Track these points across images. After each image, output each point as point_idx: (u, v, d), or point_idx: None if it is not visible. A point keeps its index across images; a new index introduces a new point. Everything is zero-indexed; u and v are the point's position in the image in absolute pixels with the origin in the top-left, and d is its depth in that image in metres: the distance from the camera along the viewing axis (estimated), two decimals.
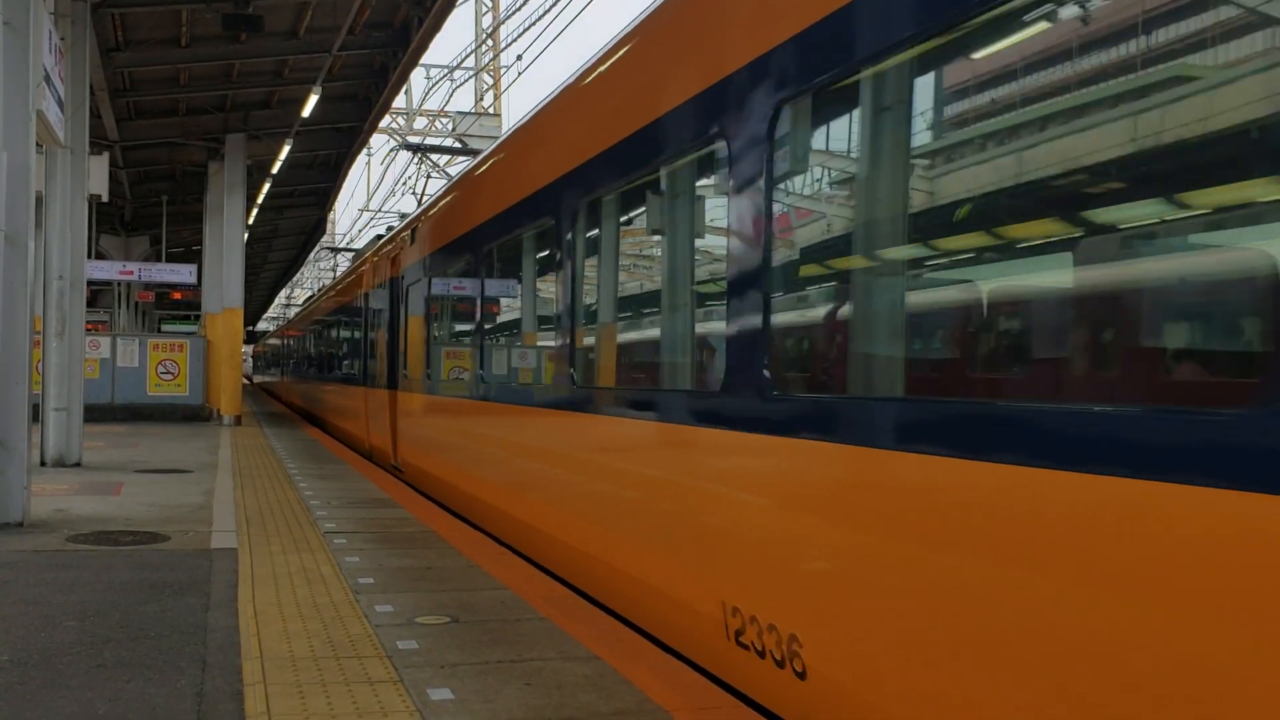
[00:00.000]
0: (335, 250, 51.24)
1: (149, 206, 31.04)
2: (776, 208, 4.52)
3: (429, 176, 26.44)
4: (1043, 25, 3.31)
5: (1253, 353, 2.78)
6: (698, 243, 5.69)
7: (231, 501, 10.63)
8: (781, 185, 4.56)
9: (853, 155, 4.28)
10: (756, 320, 4.51)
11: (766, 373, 4.43)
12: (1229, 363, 2.99)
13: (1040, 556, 3.01)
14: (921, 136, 3.92)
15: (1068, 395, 3.34)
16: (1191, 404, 2.85)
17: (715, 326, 5.24)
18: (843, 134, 4.31)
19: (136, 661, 4.99)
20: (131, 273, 26.96)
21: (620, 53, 6.52)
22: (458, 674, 4.84)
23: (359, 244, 53.04)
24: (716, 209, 5.28)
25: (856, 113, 4.18)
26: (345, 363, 20.76)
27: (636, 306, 6.69)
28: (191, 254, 35.29)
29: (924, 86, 3.85)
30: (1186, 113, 2.93)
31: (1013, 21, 3.34)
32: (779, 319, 4.53)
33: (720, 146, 4.99)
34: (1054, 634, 2.96)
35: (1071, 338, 3.37)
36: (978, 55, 3.61)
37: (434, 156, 25.43)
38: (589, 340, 6.99)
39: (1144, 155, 3.04)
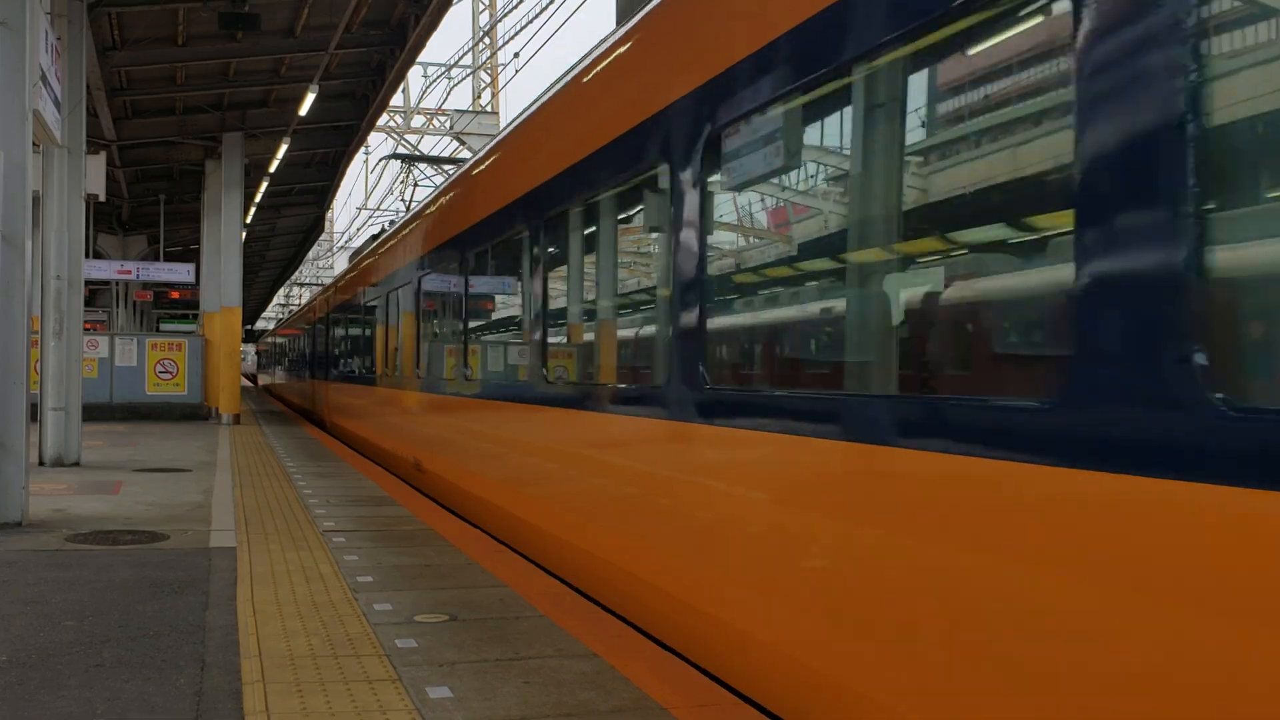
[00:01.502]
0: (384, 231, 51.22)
1: (146, 206, 31.00)
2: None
3: (416, 184, 26.44)
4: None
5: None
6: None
7: (230, 500, 10.64)
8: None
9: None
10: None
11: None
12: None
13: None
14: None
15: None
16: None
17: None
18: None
19: (135, 661, 4.99)
20: (129, 272, 26.92)
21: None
22: (456, 672, 4.85)
23: (357, 243, 53.04)
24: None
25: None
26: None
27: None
28: (189, 253, 35.28)
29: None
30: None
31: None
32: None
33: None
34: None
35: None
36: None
37: (423, 164, 25.53)
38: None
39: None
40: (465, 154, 29.63)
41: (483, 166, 9.99)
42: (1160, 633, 2.60)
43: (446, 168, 24.43)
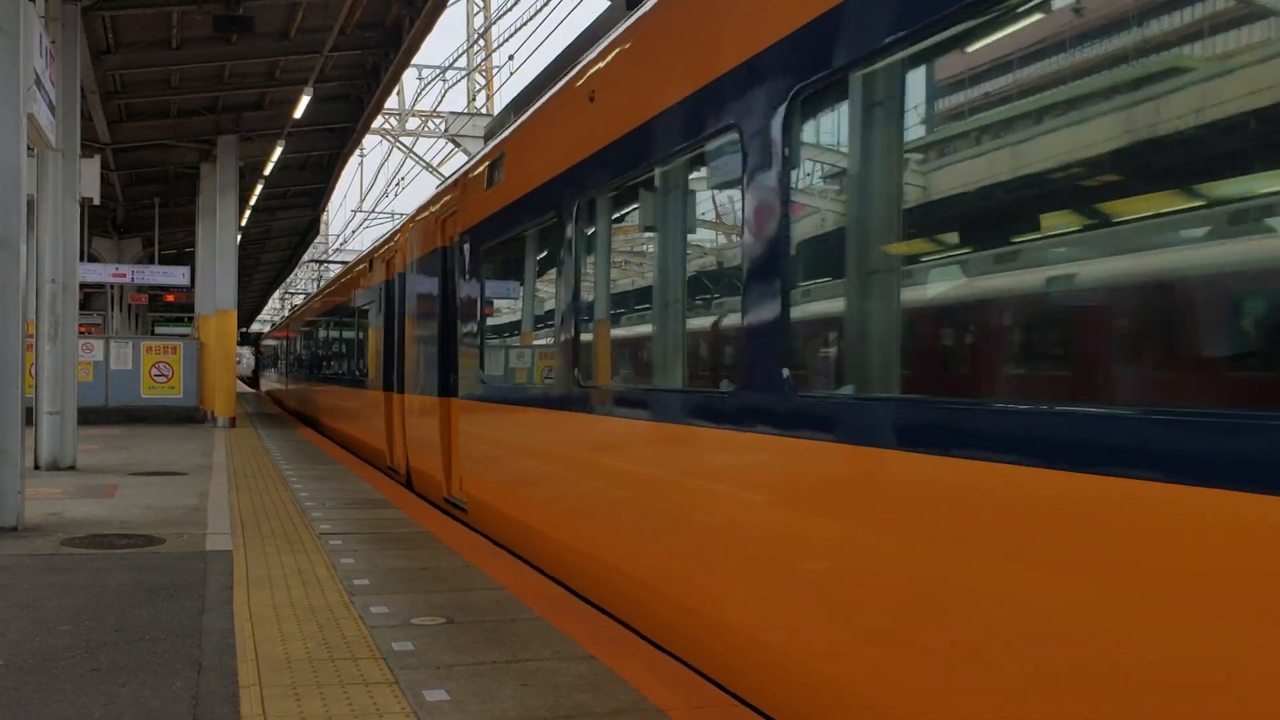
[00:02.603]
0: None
1: (141, 209, 30.97)
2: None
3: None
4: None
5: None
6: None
7: (226, 503, 10.62)
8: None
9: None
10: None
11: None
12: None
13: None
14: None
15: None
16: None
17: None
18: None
19: (132, 665, 4.98)
20: (124, 275, 26.92)
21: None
22: (453, 675, 4.84)
23: (355, 244, 52.80)
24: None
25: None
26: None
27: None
28: (184, 256, 35.23)
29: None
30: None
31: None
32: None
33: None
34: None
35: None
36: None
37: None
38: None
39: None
40: (469, 145, 29.58)
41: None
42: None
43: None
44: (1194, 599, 2.62)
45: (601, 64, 6.69)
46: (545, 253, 7.86)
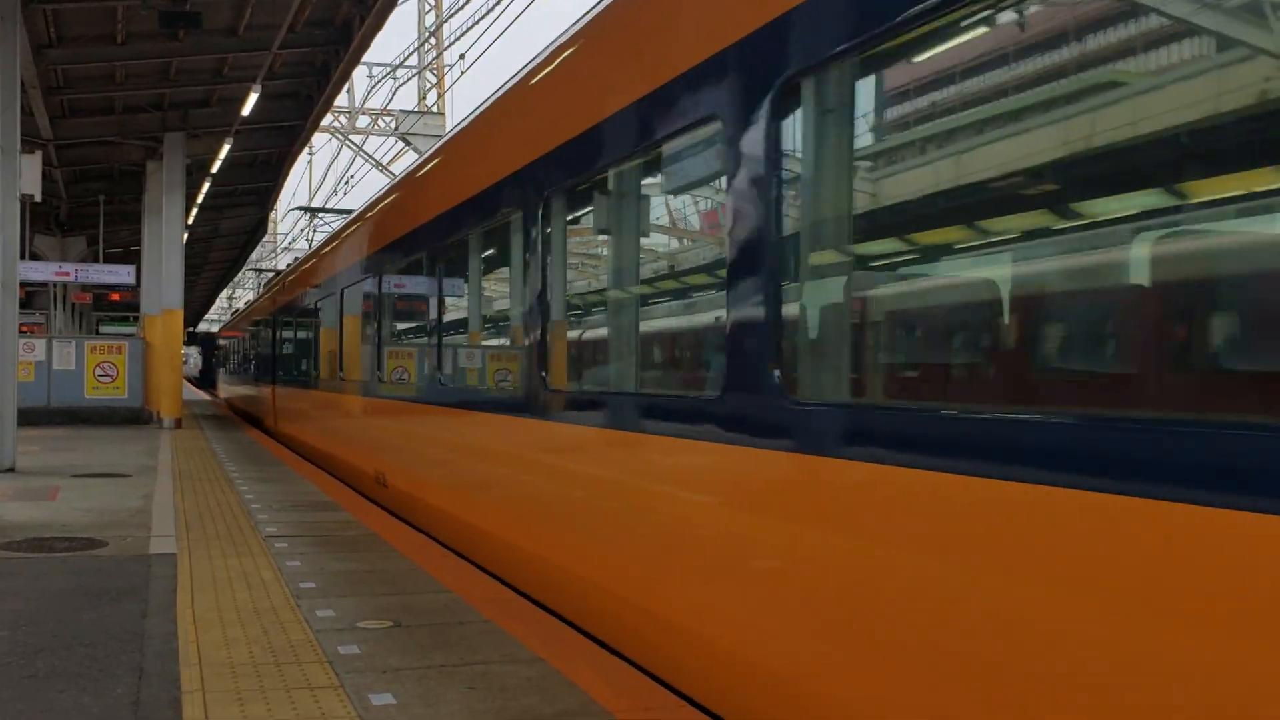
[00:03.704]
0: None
1: (85, 206, 30.46)
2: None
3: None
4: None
5: None
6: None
7: (171, 505, 10.48)
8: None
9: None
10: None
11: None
12: None
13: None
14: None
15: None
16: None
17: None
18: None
19: (70, 671, 4.90)
20: (68, 274, 26.43)
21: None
22: (400, 679, 4.81)
23: (301, 244, 52.36)
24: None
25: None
26: None
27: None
28: (130, 254, 34.69)
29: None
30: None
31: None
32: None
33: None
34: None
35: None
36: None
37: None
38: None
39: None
40: (420, 143, 29.42)
41: None
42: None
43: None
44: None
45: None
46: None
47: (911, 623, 3.37)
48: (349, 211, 25.26)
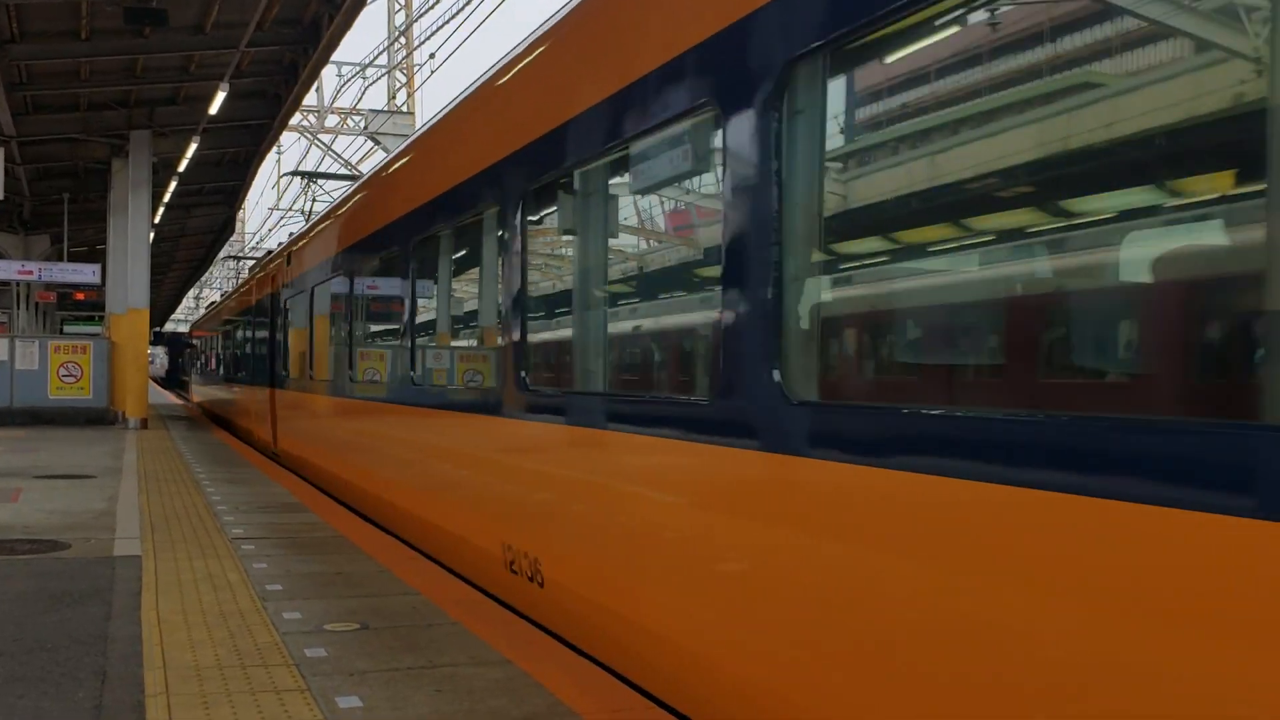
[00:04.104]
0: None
1: (50, 204, 30.14)
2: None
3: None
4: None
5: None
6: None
7: (136, 507, 10.38)
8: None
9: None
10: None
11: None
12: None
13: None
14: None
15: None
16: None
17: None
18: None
19: (32, 675, 4.84)
20: (31, 272, 26.14)
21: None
22: (367, 681, 4.79)
23: (269, 244, 51.90)
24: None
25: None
26: None
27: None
28: (95, 253, 34.35)
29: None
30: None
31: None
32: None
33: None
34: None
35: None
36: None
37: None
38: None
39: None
40: (389, 143, 29.25)
41: None
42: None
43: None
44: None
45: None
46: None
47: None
48: (350, 177, 22.81)
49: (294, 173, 24.12)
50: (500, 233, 6.61)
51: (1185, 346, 2.82)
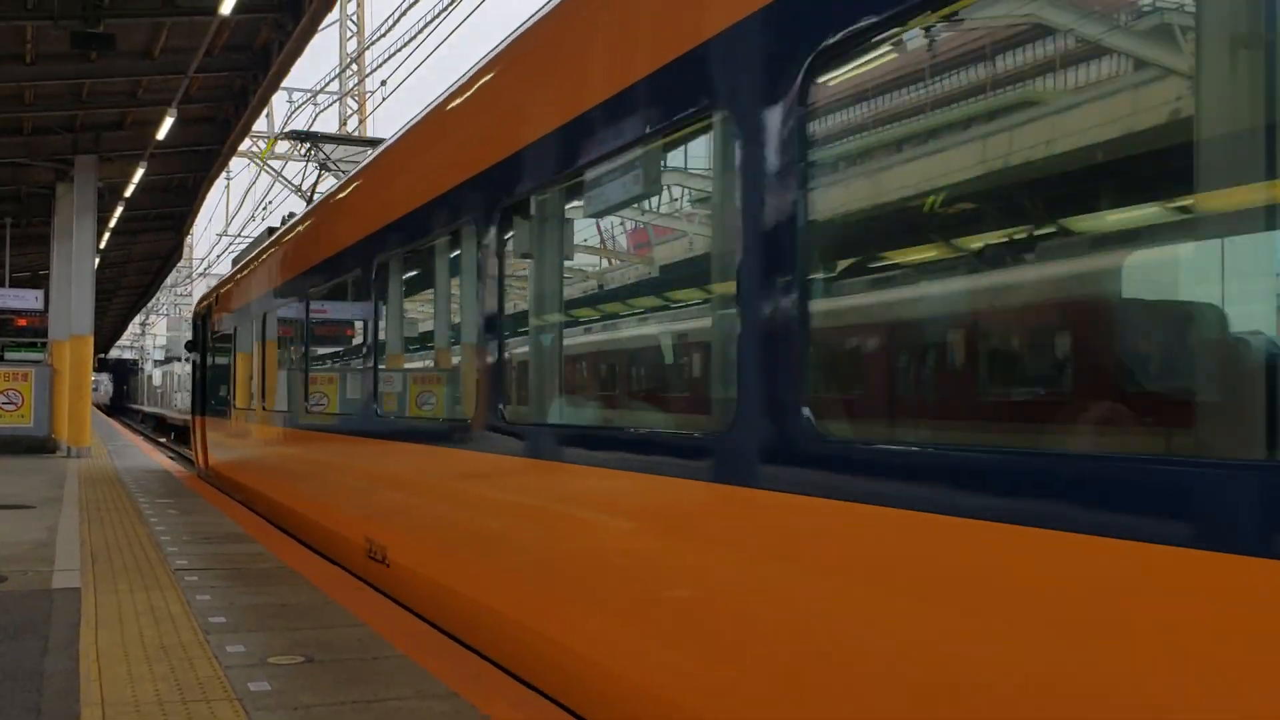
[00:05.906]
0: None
1: None
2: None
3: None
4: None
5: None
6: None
7: (76, 538, 10.18)
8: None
9: None
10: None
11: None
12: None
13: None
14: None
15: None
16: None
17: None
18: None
19: None
20: None
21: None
22: (311, 716, 4.71)
23: (219, 269, 51.36)
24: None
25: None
26: None
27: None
28: (38, 279, 33.80)
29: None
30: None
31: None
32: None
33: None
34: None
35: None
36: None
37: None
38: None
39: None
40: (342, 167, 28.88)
41: None
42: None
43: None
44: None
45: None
46: None
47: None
48: (369, 142, 20.07)
49: (294, 134, 22.81)
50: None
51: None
